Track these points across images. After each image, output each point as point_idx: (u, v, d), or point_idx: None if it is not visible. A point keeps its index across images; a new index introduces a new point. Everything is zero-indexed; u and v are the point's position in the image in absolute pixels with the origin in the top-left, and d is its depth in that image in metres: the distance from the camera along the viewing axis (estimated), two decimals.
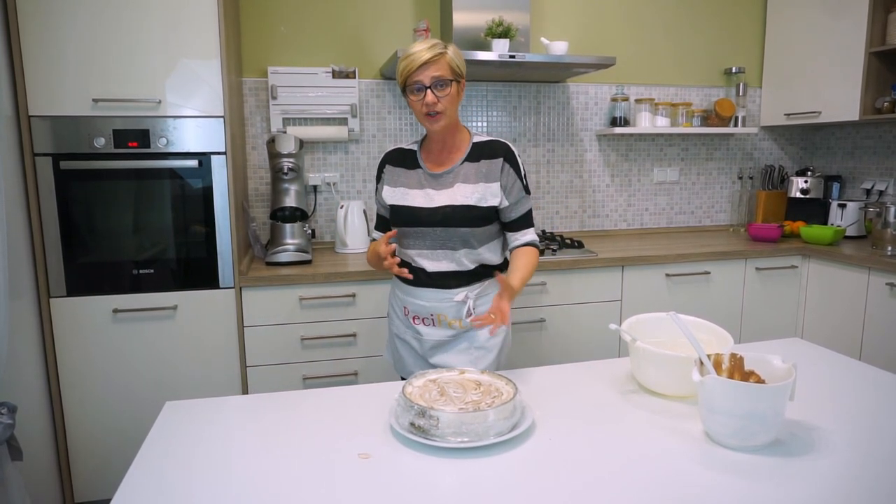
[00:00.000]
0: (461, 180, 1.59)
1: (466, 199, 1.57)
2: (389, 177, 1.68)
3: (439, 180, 1.61)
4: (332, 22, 2.83)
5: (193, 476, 1.01)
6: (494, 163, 1.59)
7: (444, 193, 1.59)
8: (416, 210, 1.60)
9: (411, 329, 1.70)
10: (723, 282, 2.79)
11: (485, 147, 1.62)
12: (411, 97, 1.53)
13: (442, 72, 1.49)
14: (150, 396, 2.22)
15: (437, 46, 1.50)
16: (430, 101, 1.49)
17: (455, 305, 1.63)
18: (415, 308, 1.67)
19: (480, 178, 1.59)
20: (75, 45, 2.01)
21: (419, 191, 1.62)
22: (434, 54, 1.48)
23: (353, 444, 1.10)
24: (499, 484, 0.98)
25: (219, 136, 2.18)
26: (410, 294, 1.67)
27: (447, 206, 1.57)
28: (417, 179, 1.63)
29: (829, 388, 1.35)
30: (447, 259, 1.61)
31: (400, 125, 2.96)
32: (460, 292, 1.62)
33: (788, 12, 3.23)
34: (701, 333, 1.33)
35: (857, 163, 3.33)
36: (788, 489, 0.95)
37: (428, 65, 1.48)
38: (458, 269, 1.61)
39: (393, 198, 1.65)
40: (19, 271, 1.99)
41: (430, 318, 1.65)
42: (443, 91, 1.50)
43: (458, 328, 1.64)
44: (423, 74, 1.48)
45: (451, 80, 1.51)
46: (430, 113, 1.51)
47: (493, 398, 1.14)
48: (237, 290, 2.26)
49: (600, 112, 3.22)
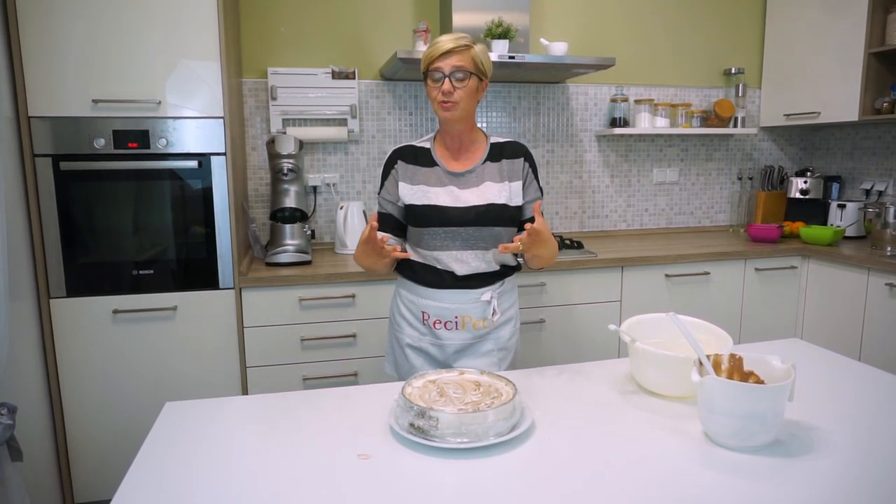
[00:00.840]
0: (488, 179, 1.58)
1: (497, 197, 1.56)
2: (405, 174, 1.61)
3: (462, 179, 1.58)
4: (331, 22, 2.83)
5: (194, 476, 1.01)
6: (516, 162, 1.60)
7: (472, 192, 1.56)
8: (444, 210, 1.55)
9: (430, 335, 1.64)
10: (722, 282, 2.79)
11: (505, 147, 1.62)
12: (430, 83, 1.51)
13: (464, 62, 1.49)
14: (150, 397, 2.22)
15: (464, 39, 1.50)
16: (446, 89, 1.48)
17: (481, 305, 1.61)
18: (437, 312, 1.62)
19: (504, 177, 1.58)
20: (75, 45, 2.02)
21: (441, 189, 1.57)
22: (458, 45, 1.48)
23: (353, 444, 1.10)
24: (498, 484, 0.98)
25: (219, 137, 2.19)
26: (432, 297, 1.62)
27: (479, 204, 1.55)
28: (437, 177, 1.59)
29: (828, 388, 1.35)
30: (477, 259, 1.59)
31: (400, 126, 2.96)
32: (486, 292, 1.61)
33: (788, 13, 3.23)
34: (700, 334, 1.33)
35: (856, 163, 3.34)
36: (788, 489, 0.95)
37: (451, 54, 1.48)
38: (486, 270, 1.60)
39: (413, 196, 1.58)
40: (19, 272, 1.99)
41: (455, 320, 1.62)
42: (461, 83, 1.49)
43: (482, 328, 1.63)
44: (444, 62, 1.48)
45: (471, 73, 1.50)
46: (445, 101, 1.49)
47: (492, 399, 1.14)
48: (237, 291, 2.26)
49: (600, 113, 3.22)
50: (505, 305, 1.66)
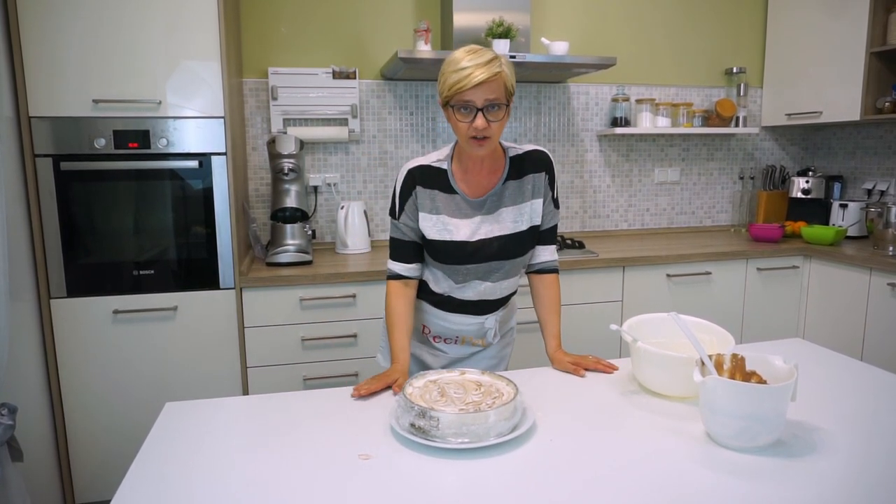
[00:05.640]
0: (505, 204, 1.45)
1: (516, 225, 1.46)
2: (425, 202, 1.45)
3: (481, 207, 1.45)
4: (332, 22, 2.83)
5: (193, 477, 1.00)
6: (539, 177, 1.47)
7: (488, 222, 1.45)
8: (463, 245, 1.44)
9: (428, 345, 1.64)
10: (724, 282, 2.79)
11: (525, 160, 1.47)
12: (457, 116, 1.32)
13: (496, 94, 1.30)
14: (151, 397, 2.22)
15: (494, 65, 1.29)
16: (479, 125, 1.30)
17: (483, 329, 1.60)
18: (438, 329, 1.60)
19: (527, 196, 1.46)
20: (76, 45, 2.01)
21: (462, 221, 1.44)
22: (491, 74, 1.28)
23: (354, 444, 1.10)
24: (500, 485, 0.97)
25: (219, 137, 2.18)
26: (436, 316, 1.59)
27: (494, 237, 1.44)
28: (457, 207, 1.44)
29: (830, 388, 1.34)
30: (487, 289, 1.52)
31: (400, 126, 2.96)
32: (490, 318, 1.59)
33: (789, 12, 3.22)
34: (702, 334, 1.32)
35: (858, 163, 3.33)
36: (791, 490, 0.94)
37: (483, 85, 1.28)
38: (494, 298, 1.56)
39: (434, 231, 1.45)
40: (20, 272, 1.99)
41: (455, 338, 1.61)
42: (495, 115, 1.31)
43: (481, 346, 1.64)
44: (476, 95, 1.29)
45: (505, 104, 1.33)
46: (478, 137, 1.33)
47: (493, 399, 1.13)
48: (237, 291, 2.25)
49: (601, 112, 3.22)
50: (504, 326, 1.67)
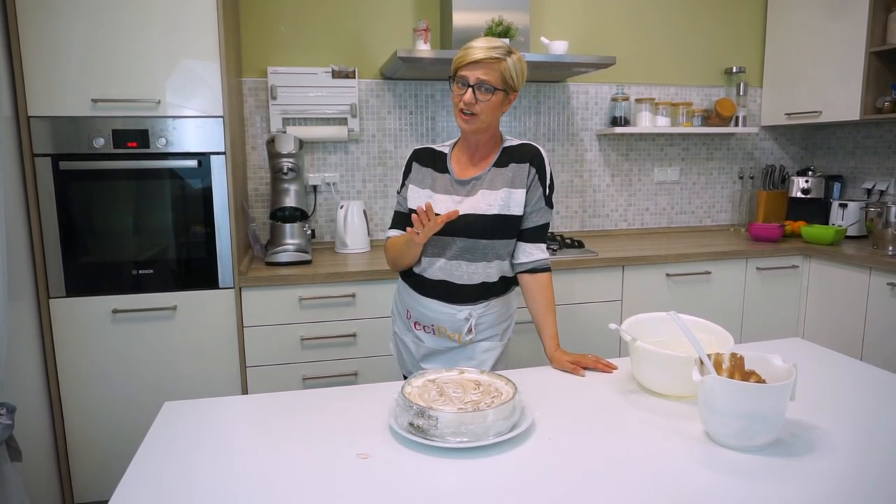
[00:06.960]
0: (485, 186, 1.53)
1: (489, 207, 1.51)
2: (416, 176, 1.61)
3: (464, 187, 1.55)
4: (332, 22, 2.82)
5: (192, 476, 1.00)
6: (521, 167, 1.53)
7: (467, 201, 1.53)
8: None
9: (411, 332, 1.68)
10: (723, 282, 2.79)
11: (514, 151, 1.56)
12: (454, 88, 1.47)
13: (490, 77, 1.43)
14: (150, 397, 2.21)
15: (498, 51, 1.43)
16: (467, 99, 1.44)
17: (457, 322, 1.59)
18: (417, 314, 1.65)
19: (506, 183, 1.52)
20: (75, 45, 2.01)
21: (445, 196, 1.55)
22: (489, 56, 1.41)
23: (353, 444, 1.10)
24: (498, 484, 0.97)
25: (218, 137, 2.18)
26: (415, 300, 1.63)
27: (469, 214, 1.51)
28: (444, 185, 1.57)
29: (829, 388, 1.34)
30: (445, 267, 1.55)
31: (400, 125, 2.96)
32: (464, 310, 1.58)
33: (789, 12, 3.22)
34: (701, 333, 1.32)
35: (857, 162, 3.33)
36: (790, 489, 0.94)
37: (479, 64, 1.42)
38: (466, 283, 1.56)
39: (416, 200, 1.56)
40: (19, 272, 1.99)
41: (431, 327, 1.63)
42: (484, 95, 1.44)
43: (457, 342, 1.62)
44: (471, 72, 1.43)
45: (496, 89, 1.44)
46: (465, 111, 1.46)
47: (492, 398, 1.13)
48: (237, 291, 2.25)
49: (600, 112, 3.22)
50: (484, 326, 1.62)
